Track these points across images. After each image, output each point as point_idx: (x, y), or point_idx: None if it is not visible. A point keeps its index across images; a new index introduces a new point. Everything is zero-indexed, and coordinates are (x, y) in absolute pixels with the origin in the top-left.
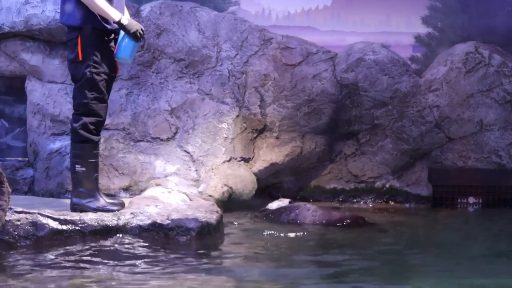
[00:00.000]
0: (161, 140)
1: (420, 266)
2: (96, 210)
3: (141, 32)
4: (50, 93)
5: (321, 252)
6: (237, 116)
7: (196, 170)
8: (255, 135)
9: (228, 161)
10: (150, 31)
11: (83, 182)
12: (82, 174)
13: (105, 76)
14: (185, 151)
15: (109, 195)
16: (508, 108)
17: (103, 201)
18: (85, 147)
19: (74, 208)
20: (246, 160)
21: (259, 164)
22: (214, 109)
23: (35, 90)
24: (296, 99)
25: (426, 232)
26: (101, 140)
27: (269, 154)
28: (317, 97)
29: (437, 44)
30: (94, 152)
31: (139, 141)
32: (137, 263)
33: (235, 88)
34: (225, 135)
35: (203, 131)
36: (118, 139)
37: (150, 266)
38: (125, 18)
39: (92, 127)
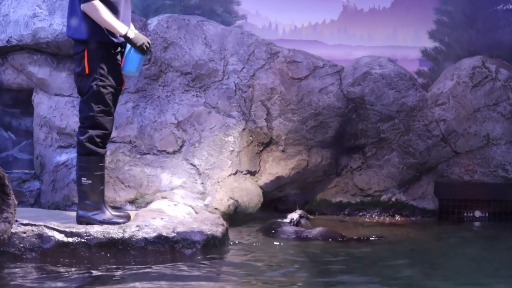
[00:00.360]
0: (167, 153)
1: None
2: (102, 222)
3: (148, 45)
4: (57, 106)
5: (324, 266)
6: (243, 129)
7: (202, 183)
8: (261, 149)
9: (234, 174)
10: (157, 45)
11: (89, 195)
12: (88, 186)
13: (111, 89)
14: (191, 164)
15: (115, 208)
16: None
17: (109, 213)
18: (91, 159)
19: (80, 220)
20: (252, 173)
21: (265, 177)
22: (220, 122)
23: (42, 103)
24: (303, 113)
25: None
26: (108, 153)
27: (275, 167)
28: (323, 110)
29: (444, 59)
30: (100, 164)
31: (145, 154)
32: (143, 276)
33: (241, 102)
34: (231, 148)
35: (209, 144)
36: (124, 152)
37: (156, 279)
38: (132, 32)
39: (98, 140)
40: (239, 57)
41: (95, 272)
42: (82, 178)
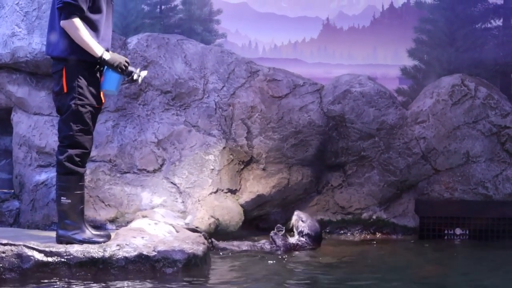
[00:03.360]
0: (148, 171)
1: None
2: (82, 242)
3: (126, 65)
4: (36, 125)
5: (309, 281)
6: (224, 148)
7: (183, 202)
8: (242, 167)
9: (215, 192)
10: (137, 63)
11: (68, 214)
12: (68, 206)
13: (90, 108)
14: (171, 182)
15: (95, 227)
16: (494, 140)
17: (89, 233)
18: (70, 179)
19: (60, 240)
20: (232, 191)
21: (246, 195)
22: (200, 141)
23: (21, 122)
24: (283, 131)
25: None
26: (87, 172)
27: (256, 185)
28: (304, 129)
29: (423, 77)
30: (80, 184)
31: (125, 172)
32: None
33: (221, 120)
34: (212, 167)
35: (190, 162)
36: (104, 171)
37: None
38: (107, 54)
39: (77, 159)
40: (219, 75)
41: None
42: (62, 198)
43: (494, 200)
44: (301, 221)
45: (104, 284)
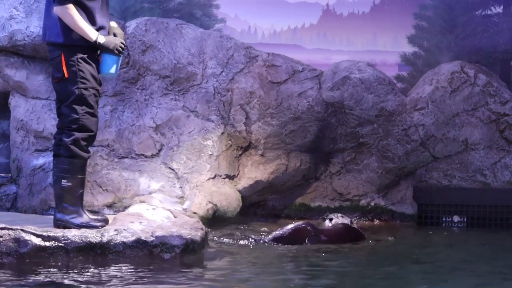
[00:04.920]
0: (146, 157)
1: None
2: (79, 226)
3: (122, 46)
4: (34, 109)
5: (307, 269)
6: (222, 133)
7: (181, 187)
8: (240, 153)
9: (213, 178)
10: (135, 48)
11: (68, 198)
12: (68, 189)
13: (93, 91)
14: (169, 168)
15: (92, 212)
16: (493, 128)
17: (86, 217)
18: (74, 162)
19: (58, 224)
20: (231, 177)
21: (244, 181)
22: (199, 126)
23: (19, 106)
24: (282, 117)
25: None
26: None
27: (254, 171)
28: (302, 115)
29: (423, 64)
30: (83, 168)
31: (123, 157)
32: (121, 281)
33: (220, 106)
34: (210, 152)
35: (188, 148)
36: (102, 156)
37: (134, 284)
38: (102, 37)
39: (83, 143)
40: (218, 60)
41: (72, 277)
42: (63, 180)
43: (492, 188)
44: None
45: (101, 269)
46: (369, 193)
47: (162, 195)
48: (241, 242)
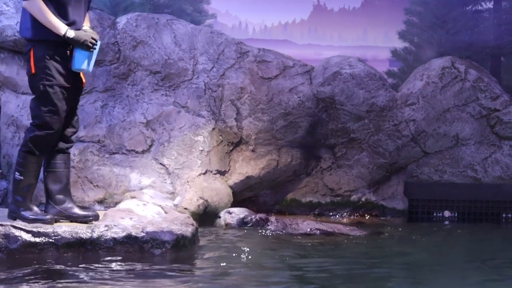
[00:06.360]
0: (137, 152)
1: None
2: (27, 219)
3: (93, 41)
4: (25, 105)
5: (297, 265)
6: (213, 129)
7: (172, 183)
8: (231, 148)
9: (204, 174)
10: (126, 43)
11: (20, 191)
12: (20, 182)
13: (59, 89)
14: (160, 163)
15: (83, 208)
16: (483, 123)
17: (36, 209)
18: (28, 157)
19: (12, 215)
20: (222, 173)
21: (235, 177)
22: (190, 122)
23: (9, 102)
24: (272, 113)
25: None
26: (76, 152)
27: (245, 167)
28: (293, 110)
29: (414, 59)
30: (36, 164)
31: (114, 153)
32: (111, 277)
33: (211, 101)
34: (201, 148)
35: (179, 143)
36: (93, 152)
37: (124, 279)
38: (71, 31)
39: (41, 142)
40: (209, 56)
41: (63, 273)
42: (16, 173)
43: (483, 183)
44: None
45: (92, 265)
46: (360, 189)
47: (153, 191)
48: (232, 237)
